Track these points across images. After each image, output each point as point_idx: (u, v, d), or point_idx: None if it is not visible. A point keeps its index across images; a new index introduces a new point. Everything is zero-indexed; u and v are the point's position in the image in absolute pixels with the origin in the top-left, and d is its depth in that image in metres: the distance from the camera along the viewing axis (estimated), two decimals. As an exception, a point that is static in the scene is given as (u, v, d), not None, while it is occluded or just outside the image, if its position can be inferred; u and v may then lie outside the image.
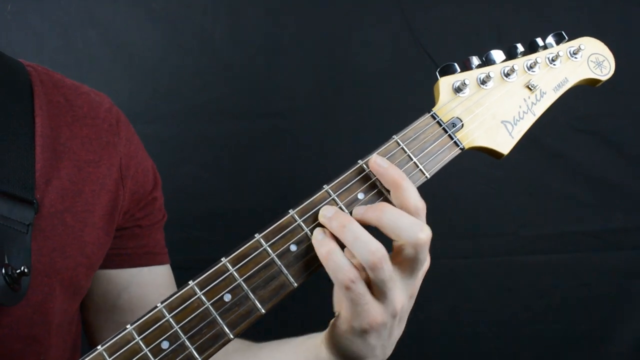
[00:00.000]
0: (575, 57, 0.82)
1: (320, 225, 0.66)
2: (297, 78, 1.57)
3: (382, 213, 0.63)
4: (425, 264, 0.67)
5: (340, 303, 0.67)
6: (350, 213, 0.67)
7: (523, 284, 1.71)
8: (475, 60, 0.77)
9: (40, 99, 0.81)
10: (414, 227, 0.62)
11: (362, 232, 0.62)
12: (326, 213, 0.65)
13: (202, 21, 1.52)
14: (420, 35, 1.57)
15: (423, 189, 0.71)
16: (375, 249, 0.61)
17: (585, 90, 1.65)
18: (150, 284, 0.93)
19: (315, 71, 1.57)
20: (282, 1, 1.55)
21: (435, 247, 0.69)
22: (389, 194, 0.68)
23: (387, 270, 0.62)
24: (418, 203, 0.65)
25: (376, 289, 0.63)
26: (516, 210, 1.68)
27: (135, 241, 0.91)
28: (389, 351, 0.71)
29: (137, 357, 0.61)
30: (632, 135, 1.66)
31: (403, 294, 0.65)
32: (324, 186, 0.67)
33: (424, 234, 0.62)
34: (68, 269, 0.78)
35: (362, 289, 0.62)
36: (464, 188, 1.63)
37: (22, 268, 0.70)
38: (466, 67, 0.77)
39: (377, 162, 0.67)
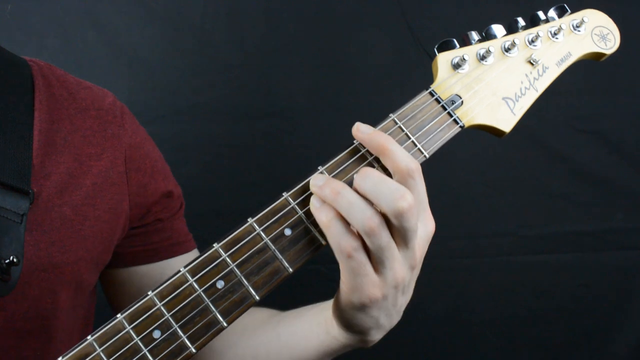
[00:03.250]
0: (579, 31, 0.78)
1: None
2: (297, 78, 1.57)
3: (362, 179, 0.60)
4: (424, 230, 0.64)
5: (343, 274, 0.63)
6: None
7: (523, 284, 1.71)
8: (474, 35, 0.74)
9: (40, 92, 0.81)
10: (394, 194, 0.58)
11: (357, 198, 0.60)
12: (317, 182, 0.63)
13: (202, 21, 1.52)
14: (420, 35, 1.57)
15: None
16: (371, 214, 0.59)
17: (585, 90, 1.66)
18: None
19: (315, 71, 1.57)
20: (282, 1, 1.55)
21: (435, 247, 0.68)
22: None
23: (385, 237, 0.59)
24: (410, 164, 0.61)
25: (375, 257, 0.61)
26: (516, 210, 1.68)
27: (159, 235, 0.91)
28: (396, 319, 0.69)
29: (128, 346, 0.59)
30: (632, 135, 1.66)
31: (403, 264, 0.62)
32: (318, 167, 0.65)
33: (405, 201, 0.58)
34: (68, 264, 0.78)
35: (363, 258, 0.60)
36: (464, 188, 1.63)
37: (12, 258, 0.69)
38: (465, 42, 0.74)
39: (360, 129, 0.65)
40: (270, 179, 1.58)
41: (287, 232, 0.63)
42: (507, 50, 0.75)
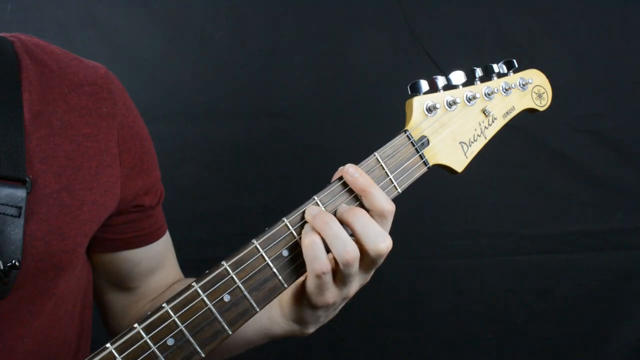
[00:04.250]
0: (524, 88, 0.92)
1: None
2: (297, 78, 1.57)
3: (355, 218, 0.72)
4: (379, 264, 0.76)
5: (309, 284, 0.74)
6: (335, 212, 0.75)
7: (523, 284, 1.71)
8: (441, 81, 0.85)
9: (28, 71, 0.77)
10: (378, 238, 0.71)
11: (342, 232, 0.71)
12: (311, 212, 0.73)
13: (202, 21, 1.52)
14: (420, 36, 1.57)
15: (424, 189, 0.73)
16: (350, 249, 0.70)
17: (585, 90, 1.66)
18: (158, 254, 0.96)
19: (316, 71, 1.57)
20: (282, 1, 1.55)
21: (435, 247, 0.69)
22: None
23: (355, 268, 0.72)
24: (385, 206, 0.74)
25: (340, 279, 0.73)
26: (516, 210, 1.68)
27: (149, 221, 0.92)
28: (330, 318, 0.81)
29: (146, 354, 0.66)
30: (632, 135, 1.67)
31: (357, 284, 0.76)
32: (314, 197, 0.75)
33: (385, 244, 0.71)
34: (66, 252, 0.76)
35: (329, 279, 0.72)
36: (464, 188, 1.64)
37: (13, 261, 0.68)
38: (432, 85, 0.85)
39: (349, 172, 0.76)
40: (270, 179, 1.59)
41: (285, 253, 0.73)
42: (469, 100, 0.87)
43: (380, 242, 0.71)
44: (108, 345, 0.65)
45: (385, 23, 1.58)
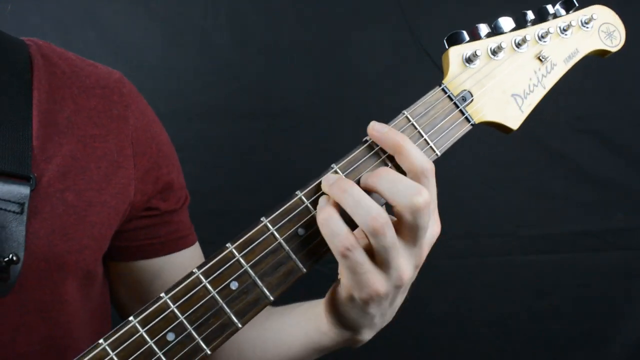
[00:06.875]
0: (587, 27, 0.78)
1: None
2: (297, 78, 1.57)
3: (378, 178, 0.61)
4: (431, 230, 0.64)
5: (341, 271, 0.63)
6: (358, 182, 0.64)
7: (523, 284, 1.71)
8: (484, 29, 0.74)
9: (40, 71, 0.77)
10: (410, 190, 0.59)
11: (363, 197, 0.59)
12: (328, 181, 0.63)
13: (202, 21, 1.52)
14: (420, 35, 1.57)
15: None
16: (376, 214, 0.58)
17: (585, 90, 1.66)
18: (182, 267, 0.88)
19: (316, 71, 1.57)
20: (282, 1, 1.55)
21: (435, 247, 0.68)
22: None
23: (390, 237, 0.59)
24: (424, 164, 0.62)
25: (379, 257, 0.60)
26: (516, 210, 1.68)
27: (167, 228, 0.87)
28: (389, 319, 0.69)
29: (142, 350, 0.59)
30: (632, 135, 1.66)
31: (408, 263, 0.62)
32: (332, 165, 0.65)
33: (422, 197, 0.59)
34: (71, 253, 0.73)
35: (360, 257, 0.59)
36: (463, 188, 1.63)
37: (11, 256, 0.66)
38: (474, 35, 0.74)
39: (375, 128, 0.64)
40: (270, 179, 1.58)
41: (301, 231, 0.63)
42: (518, 45, 0.74)
43: (415, 194, 0.58)
44: (101, 341, 0.59)
45: (385, 23, 1.58)
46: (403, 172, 0.63)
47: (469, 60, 0.72)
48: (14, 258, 0.66)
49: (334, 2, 1.56)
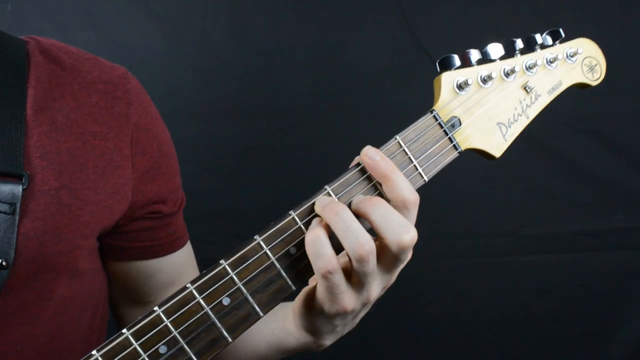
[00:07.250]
0: (572, 60, 0.81)
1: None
2: (297, 78, 1.57)
3: (373, 208, 0.63)
4: (406, 261, 0.67)
5: (317, 288, 0.66)
6: (350, 204, 0.66)
7: (523, 284, 1.71)
8: (474, 55, 0.75)
9: (37, 69, 0.75)
10: (400, 228, 0.62)
11: (354, 223, 0.62)
12: (321, 203, 0.65)
13: (202, 21, 1.52)
14: (420, 35, 1.57)
15: (423, 189, 0.71)
16: (364, 242, 0.61)
17: (585, 90, 1.66)
18: (176, 267, 0.90)
19: (315, 71, 1.57)
20: (282, 1, 1.55)
21: (435, 247, 0.68)
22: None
23: (372, 265, 0.62)
24: (409, 196, 0.64)
25: (356, 279, 0.63)
26: (516, 210, 1.68)
27: (166, 230, 0.87)
28: (350, 329, 0.72)
29: None
30: (632, 135, 1.67)
31: (379, 285, 0.66)
32: (325, 187, 0.66)
33: (409, 236, 0.62)
34: (62, 254, 0.72)
35: (338, 279, 0.62)
36: (464, 188, 1.63)
37: (1, 261, 0.64)
38: (465, 61, 0.75)
39: (368, 155, 0.66)
40: (270, 179, 1.59)
41: (292, 250, 0.65)
42: (507, 75, 0.76)
43: (404, 233, 0.61)
44: (94, 352, 0.60)
45: (385, 23, 1.58)
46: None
47: (460, 87, 0.74)
48: (4, 264, 0.65)
49: (334, 2, 1.56)
